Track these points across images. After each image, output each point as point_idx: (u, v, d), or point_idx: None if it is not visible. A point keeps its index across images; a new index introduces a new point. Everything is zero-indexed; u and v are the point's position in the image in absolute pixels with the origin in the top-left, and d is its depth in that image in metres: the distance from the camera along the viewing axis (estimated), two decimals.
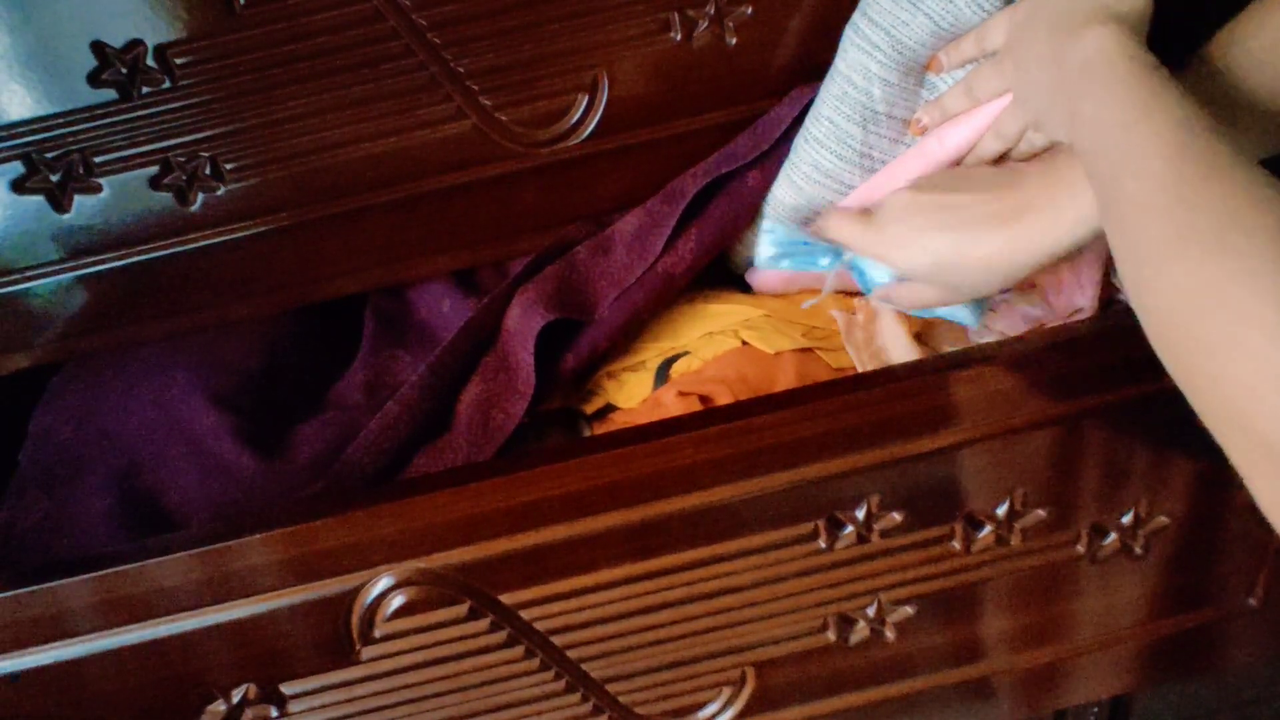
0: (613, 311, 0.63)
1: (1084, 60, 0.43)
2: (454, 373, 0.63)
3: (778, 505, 0.54)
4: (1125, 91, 0.41)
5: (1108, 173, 0.40)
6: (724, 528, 0.55)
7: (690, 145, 0.65)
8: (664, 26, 0.60)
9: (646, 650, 0.59)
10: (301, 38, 0.57)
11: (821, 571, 0.57)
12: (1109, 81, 0.42)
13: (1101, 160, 0.41)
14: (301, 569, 0.53)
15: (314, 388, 0.69)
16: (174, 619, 0.53)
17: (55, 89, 0.57)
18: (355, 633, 0.55)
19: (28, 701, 0.54)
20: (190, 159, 0.60)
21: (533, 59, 0.60)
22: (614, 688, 0.60)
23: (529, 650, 0.57)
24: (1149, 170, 0.37)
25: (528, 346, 0.60)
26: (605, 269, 0.63)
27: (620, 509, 0.54)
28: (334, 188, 0.63)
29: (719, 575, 0.57)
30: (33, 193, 0.60)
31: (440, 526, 0.53)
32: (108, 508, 0.61)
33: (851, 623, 0.60)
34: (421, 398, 0.61)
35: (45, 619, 0.52)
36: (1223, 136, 0.37)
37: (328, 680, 0.57)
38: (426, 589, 0.54)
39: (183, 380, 0.66)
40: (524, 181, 0.64)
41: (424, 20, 0.58)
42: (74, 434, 0.66)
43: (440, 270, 0.69)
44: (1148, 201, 0.37)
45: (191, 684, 0.56)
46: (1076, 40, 0.44)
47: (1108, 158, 0.40)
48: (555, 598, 0.56)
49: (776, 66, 0.63)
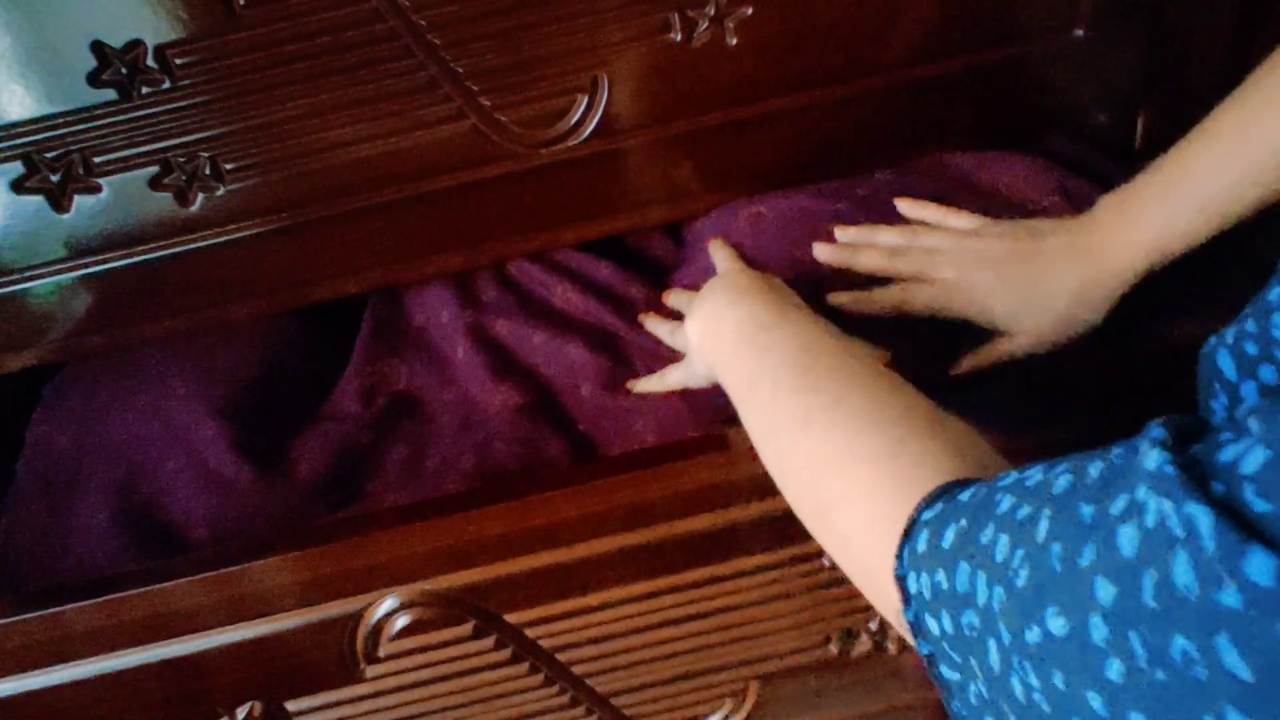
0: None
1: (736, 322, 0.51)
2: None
3: (782, 526, 0.54)
4: (760, 309, 0.50)
5: (751, 369, 0.47)
6: (728, 548, 0.55)
7: (690, 145, 0.65)
8: (664, 26, 0.60)
9: (650, 665, 0.59)
10: (301, 38, 0.57)
11: (824, 589, 0.57)
12: (746, 315, 0.50)
13: (743, 362, 0.48)
14: (308, 591, 0.53)
15: (311, 395, 0.69)
16: (179, 641, 0.54)
17: (55, 89, 0.56)
18: (360, 652, 0.55)
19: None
20: (190, 159, 0.60)
21: (533, 59, 0.60)
22: (618, 701, 0.60)
23: (533, 667, 0.57)
24: (783, 361, 0.45)
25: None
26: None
27: (625, 532, 0.54)
28: (334, 188, 0.63)
29: (723, 594, 0.57)
30: (33, 193, 0.60)
31: (445, 550, 0.53)
32: (106, 520, 0.61)
33: (854, 637, 0.60)
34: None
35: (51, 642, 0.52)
36: (837, 337, 0.47)
37: (332, 698, 0.57)
38: (431, 609, 0.54)
39: (180, 389, 0.66)
40: (524, 181, 0.64)
41: (424, 20, 0.58)
42: (72, 443, 0.65)
43: (440, 270, 0.69)
44: (779, 386, 0.44)
45: (196, 703, 0.56)
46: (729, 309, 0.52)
47: (748, 358, 0.48)
48: (559, 617, 0.56)
49: (776, 67, 0.63)
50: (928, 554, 0.33)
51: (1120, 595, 0.24)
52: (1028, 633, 0.28)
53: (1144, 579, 0.24)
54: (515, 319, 0.68)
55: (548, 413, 0.64)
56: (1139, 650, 0.24)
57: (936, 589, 0.32)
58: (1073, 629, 0.26)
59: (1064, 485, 0.29)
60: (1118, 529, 0.25)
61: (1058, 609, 0.26)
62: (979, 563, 0.30)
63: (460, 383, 0.67)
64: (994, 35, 0.64)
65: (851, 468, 0.39)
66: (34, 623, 0.51)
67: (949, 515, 0.33)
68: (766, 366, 0.46)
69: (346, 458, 0.64)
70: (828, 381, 0.43)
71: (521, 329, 0.68)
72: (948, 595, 0.31)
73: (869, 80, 0.64)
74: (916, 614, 0.34)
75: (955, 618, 0.31)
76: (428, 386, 0.67)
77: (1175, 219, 0.51)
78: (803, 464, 0.42)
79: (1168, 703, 0.23)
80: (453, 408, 0.66)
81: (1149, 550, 0.24)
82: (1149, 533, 0.24)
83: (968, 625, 0.30)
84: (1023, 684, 0.28)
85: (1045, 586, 0.27)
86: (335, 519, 0.60)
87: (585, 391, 0.65)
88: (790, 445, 0.43)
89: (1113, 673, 0.25)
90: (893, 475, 0.37)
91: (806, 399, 0.43)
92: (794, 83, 0.63)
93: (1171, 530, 0.23)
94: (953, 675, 0.33)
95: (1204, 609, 0.22)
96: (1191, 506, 0.23)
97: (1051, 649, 0.27)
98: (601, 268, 0.70)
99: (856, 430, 0.40)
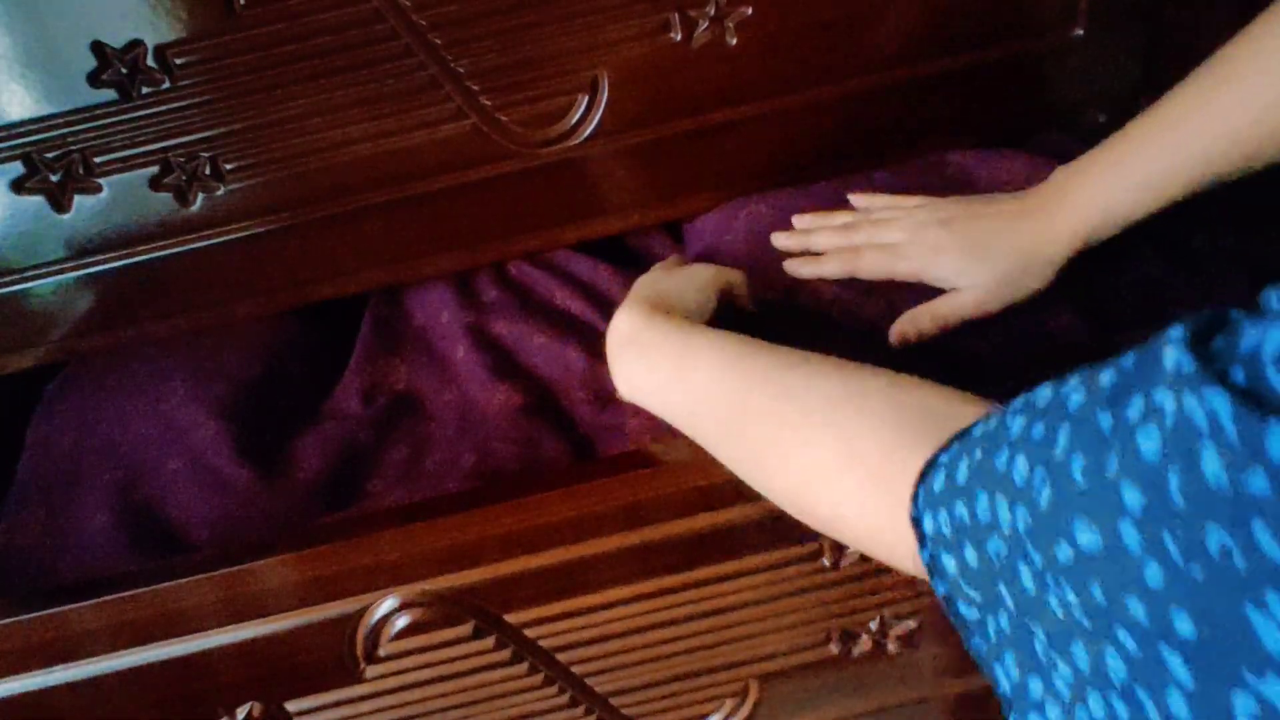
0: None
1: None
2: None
3: (782, 526, 0.54)
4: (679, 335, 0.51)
5: (683, 401, 0.48)
6: (728, 548, 0.55)
7: (690, 145, 0.65)
8: (664, 26, 0.60)
9: (650, 665, 0.59)
10: (301, 38, 0.57)
11: (825, 588, 0.57)
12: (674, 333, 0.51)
13: (674, 399, 0.49)
14: (308, 591, 0.53)
15: (311, 395, 0.69)
16: (179, 641, 0.53)
17: (55, 89, 0.56)
18: (360, 652, 0.55)
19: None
20: (190, 159, 0.60)
21: (533, 59, 0.60)
22: (617, 701, 0.60)
23: (533, 667, 0.57)
24: (710, 380, 0.47)
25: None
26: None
27: (625, 531, 0.53)
28: (334, 188, 0.63)
29: (722, 594, 0.56)
30: (33, 193, 0.60)
31: (445, 550, 0.53)
32: (107, 521, 0.61)
33: (854, 636, 0.60)
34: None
35: (51, 642, 0.52)
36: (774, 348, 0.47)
37: (332, 698, 0.57)
38: (431, 610, 0.54)
39: (181, 389, 0.66)
40: (524, 181, 0.64)
41: (424, 20, 0.58)
42: (73, 444, 0.65)
43: (440, 270, 0.69)
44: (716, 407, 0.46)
45: (196, 703, 0.56)
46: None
47: (677, 395, 0.49)
48: (559, 617, 0.56)
49: (776, 67, 0.63)
50: (945, 491, 0.33)
51: (1147, 499, 0.24)
52: (1059, 550, 0.27)
53: (1169, 479, 0.23)
54: (515, 319, 0.68)
55: (547, 413, 0.64)
56: (1174, 550, 0.23)
57: (958, 523, 0.32)
58: (1105, 540, 0.25)
59: (1078, 399, 0.28)
60: (1137, 432, 0.25)
61: (1086, 522, 0.26)
62: (998, 488, 0.30)
63: (460, 383, 0.67)
64: (993, 34, 0.64)
65: (837, 441, 0.39)
66: (34, 623, 0.51)
67: (962, 451, 0.33)
68: (698, 397, 0.47)
69: (346, 457, 0.64)
70: (763, 379, 0.44)
71: (521, 329, 0.68)
72: (970, 527, 0.31)
73: (869, 79, 0.64)
74: (932, 554, 0.33)
75: (980, 548, 0.31)
76: (428, 386, 0.67)
77: (1119, 193, 0.53)
78: (772, 453, 0.43)
79: (1210, 598, 0.23)
80: (453, 408, 0.66)
81: (1172, 449, 0.23)
82: (1170, 432, 0.24)
83: (995, 553, 0.30)
84: (1060, 602, 0.28)
85: (1070, 502, 0.27)
86: (335, 519, 0.60)
87: (585, 392, 0.65)
88: (760, 447, 0.44)
89: (1151, 577, 0.24)
90: (894, 430, 0.38)
91: (758, 402, 0.44)
92: (794, 82, 0.63)
93: (1195, 423, 0.23)
94: (970, 613, 0.32)
95: (1235, 498, 0.22)
96: (1211, 395, 0.22)
97: (1086, 563, 0.26)
98: (601, 269, 0.70)
99: (818, 410, 0.41)
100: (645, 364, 0.51)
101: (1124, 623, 0.25)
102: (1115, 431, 0.26)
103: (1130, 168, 0.53)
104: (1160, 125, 0.52)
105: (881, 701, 0.63)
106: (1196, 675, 0.23)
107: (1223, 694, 0.23)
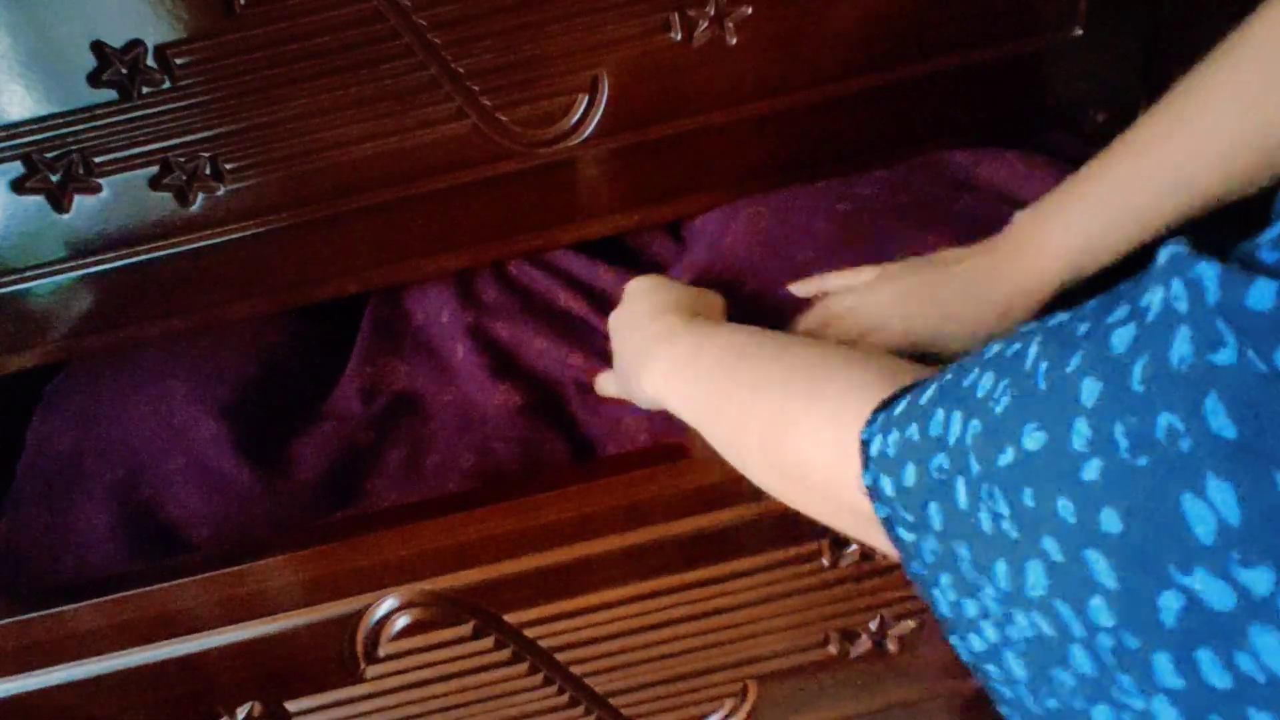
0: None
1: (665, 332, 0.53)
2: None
3: (782, 527, 0.54)
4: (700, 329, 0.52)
5: (724, 385, 0.47)
6: (727, 549, 0.55)
7: (690, 145, 0.65)
8: (664, 26, 0.60)
9: (650, 665, 0.59)
10: (301, 38, 0.57)
11: (824, 589, 0.57)
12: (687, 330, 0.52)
13: (712, 380, 0.48)
14: (308, 591, 0.53)
15: (311, 395, 0.69)
16: (179, 641, 0.53)
17: (55, 89, 0.57)
18: (360, 652, 0.55)
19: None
20: (190, 159, 0.60)
21: (533, 59, 0.60)
22: (617, 701, 0.60)
23: (533, 667, 0.57)
24: (763, 354, 0.46)
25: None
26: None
27: (624, 532, 0.53)
28: (334, 188, 0.63)
29: (722, 594, 0.57)
30: (33, 193, 0.60)
31: (444, 550, 0.53)
32: (108, 521, 0.61)
33: (854, 636, 0.60)
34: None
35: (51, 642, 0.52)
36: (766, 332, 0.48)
37: (332, 698, 0.57)
38: (431, 610, 0.54)
39: (181, 389, 0.66)
40: (524, 181, 0.64)
41: (424, 20, 0.58)
42: (73, 444, 0.65)
43: (440, 270, 0.69)
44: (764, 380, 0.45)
45: (196, 703, 0.56)
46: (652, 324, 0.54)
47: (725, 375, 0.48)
48: (559, 617, 0.56)
49: (776, 66, 0.63)
50: (903, 414, 0.33)
51: (1105, 389, 0.24)
52: (1000, 457, 0.27)
53: (1134, 367, 0.23)
54: (515, 319, 0.68)
55: (547, 413, 0.64)
56: (1121, 441, 0.23)
57: (906, 442, 0.32)
58: (1051, 439, 0.26)
59: (1060, 318, 0.28)
60: (1112, 332, 0.25)
61: (1037, 424, 0.26)
62: (957, 403, 0.30)
63: (460, 383, 0.67)
64: (993, 33, 0.64)
65: (806, 395, 0.40)
66: (34, 623, 0.51)
67: (932, 382, 0.33)
68: (709, 387, 0.47)
69: (347, 457, 0.64)
70: (766, 363, 0.44)
71: (521, 329, 0.68)
72: (916, 445, 0.32)
73: (868, 79, 0.64)
74: (874, 477, 0.34)
75: (922, 465, 0.31)
76: (428, 386, 0.67)
77: (1094, 231, 0.51)
78: (756, 427, 0.43)
79: (1147, 490, 0.23)
80: (452, 408, 0.66)
81: (1145, 338, 0.24)
82: (1148, 325, 0.24)
83: (936, 468, 0.30)
84: (990, 514, 0.28)
85: (1026, 405, 0.27)
86: (335, 519, 0.60)
87: (584, 393, 0.65)
88: (742, 423, 0.44)
89: (1089, 473, 0.24)
90: (861, 372, 0.39)
91: (748, 378, 0.44)
92: (794, 82, 0.63)
93: (1175, 308, 0.23)
94: (908, 535, 0.33)
95: (1196, 374, 0.22)
96: (1201, 267, 0.22)
97: (1024, 466, 0.26)
98: (601, 270, 0.70)
99: (802, 370, 0.42)
100: (673, 362, 0.51)
101: (1050, 528, 0.25)
102: (1090, 335, 0.26)
103: (1104, 204, 0.51)
104: (1129, 159, 0.50)
105: (881, 701, 0.63)
106: (1121, 575, 0.23)
107: (1147, 593, 0.23)
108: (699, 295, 0.58)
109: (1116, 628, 0.24)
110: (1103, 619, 0.24)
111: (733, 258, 0.65)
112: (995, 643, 0.30)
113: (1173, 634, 0.22)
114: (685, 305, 0.55)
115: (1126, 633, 0.23)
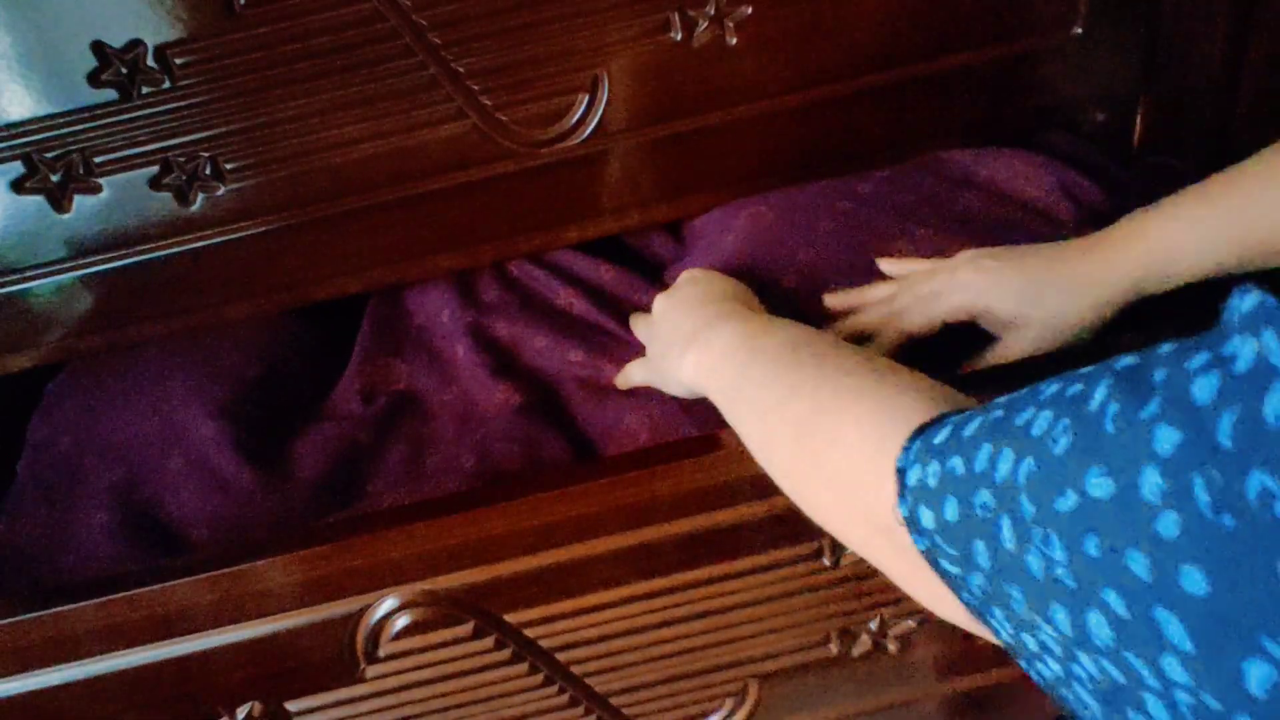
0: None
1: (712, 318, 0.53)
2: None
3: (782, 526, 0.54)
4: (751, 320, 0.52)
5: (735, 379, 0.48)
6: (728, 548, 0.55)
7: (690, 145, 0.65)
8: (664, 26, 0.60)
9: (650, 665, 0.59)
10: (301, 38, 0.57)
11: (825, 588, 0.57)
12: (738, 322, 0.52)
13: (728, 376, 0.49)
14: (308, 591, 0.53)
15: (311, 395, 0.69)
16: (179, 641, 0.53)
17: (55, 89, 0.57)
18: (360, 652, 0.55)
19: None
20: (190, 159, 0.60)
21: (533, 59, 0.60)
22: (618, 701, 0.60)
23: (533, 667, 0.57)
24: (773, 359, 0.46)
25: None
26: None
27: (624, 532, 0.53)
28: (334, 188, 0.63)
29: (722, 594, 0.56)
30: (33, 193, 0.60)
31: (444, 550, 0.53)
32: (107, 521, 0.61)
33: (854, 636, 0.60)
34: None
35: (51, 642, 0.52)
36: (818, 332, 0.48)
37: (332, 698, 0.57)
38: (431, 610, 0.54)
39: (181, 389, 0.66)
40: (524, 181, 0.64)
41: (424, 20, 0.58)
42: (72, 444, 0.65)
43: (440, 270, 0.69)
44: (764, 386, 0.46)
45: (196, 703, 0.56)
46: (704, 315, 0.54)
47: (731, 372, 0.49)
48: (559, 616, 0.56)
49: (776, 66, 0.63)
50: (945, 444, 0.32)
51: (1185, 440, 0.23)
52: (1059, 500, 0.26)
53: (1221, 419, 0.22)
54: (515, 319, 0.68)
55: (547, 413, 0.64)
56: (1202, 497, 0.22)
57: (948, 475, 0.31)
58: (1119, 487, 0.24)
59: (1129, 361, 0.27)
60: (1193, 380, 0.23)
61: (1104, 469, 0.25)
62: (1008, 441, 0.29)
63: (460, 382, 0.67)
64: (993, 33, 0.64)
65: (844, 405, 0.40)
66: (34, 623, 0.51)
67: (979, 414, 0.32)
68: (752, 376, 0.47)
69: (347, 457, 0.64)
70: (810, 365, 0.44)
71: (522, 329, 0.67)
72: (959, 479, 0.31)
73: (869, 78, 0.64)
74: (911, 507, 0.33)
75: (965, 501, 0.30)
76: (428, 386, 0.67)
77: (1187, 238, 0.51)
78: (790, 428, 0.43)
79: (1234, 552, 0.21)
80: (453, 407, 0.66)
81: (1233, 391, 0.22)
82: (1236, 376, 0.22)
83: (980, 505, 0.29)
84: (1043, 559, 0.27)
85: (1092, 448, 0.26)
86: (335, 519, 0.60)
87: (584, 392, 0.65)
88: (777, 419, 0.44)
89: (1167, 528, 0.23)
90: (889, 401, 0.38)
91: (791, 378, 0.44)
92: (794, 82, 0.63)
93: (1270, 361, 0.21)
94: (954, 569, 0.32)
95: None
96: None
97: (1089, 513, 0.25)
98: (602, 269, 0.70)
99: (844, 377, 0.41)
100: (724, 346, 0.51)
101: (1116, 581, 0.24)
102: (1168, 382, 0.24)
103: (1204, 216, 0.50)
104: (1247, 178, 0.49)
105: (881, 701, 0.63)
106: (1198, 639, 0.22)
107: (1230, 660, 0.21)
108: (747, 290, 0.59)
109: (1195, 688, 0.23)
110: (1178, 676, 0.23)
111: (734, 257, 0.65)
112: (1063, 676, 0.29)
113: (1259, 703, 0.21)
114: (739, 296, 0.56)
115: (1207, 694, 0.22)
